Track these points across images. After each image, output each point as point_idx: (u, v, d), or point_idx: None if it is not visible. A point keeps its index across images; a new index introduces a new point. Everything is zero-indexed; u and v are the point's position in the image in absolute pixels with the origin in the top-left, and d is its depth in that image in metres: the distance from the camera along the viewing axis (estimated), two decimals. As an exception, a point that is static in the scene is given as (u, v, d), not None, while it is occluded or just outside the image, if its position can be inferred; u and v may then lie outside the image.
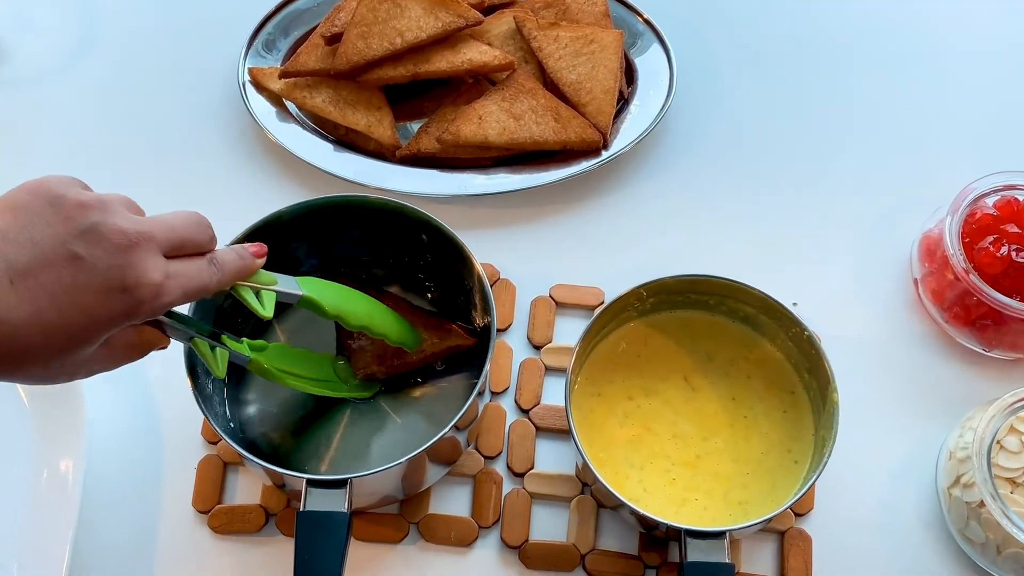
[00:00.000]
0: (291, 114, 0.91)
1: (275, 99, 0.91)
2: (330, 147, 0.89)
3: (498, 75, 0.90)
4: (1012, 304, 0.75)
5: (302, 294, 0.65)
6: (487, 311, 0.70)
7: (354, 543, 0.74)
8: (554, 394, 0.80)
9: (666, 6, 0.95)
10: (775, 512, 0.66)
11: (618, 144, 0.88)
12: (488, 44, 0.90)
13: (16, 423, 0.74)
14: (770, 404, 0.73)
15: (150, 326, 0.58)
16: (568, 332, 0.82)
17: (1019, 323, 0.77)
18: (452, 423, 0.66)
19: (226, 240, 0.70)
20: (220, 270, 0.57)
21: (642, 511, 0.66)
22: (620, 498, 0.65)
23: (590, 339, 0.73)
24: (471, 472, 0.76)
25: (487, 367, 0.67)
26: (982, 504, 0.70)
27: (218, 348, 0.64)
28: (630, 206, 0.88)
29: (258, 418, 0.75)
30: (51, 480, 0.72)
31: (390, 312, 0.72)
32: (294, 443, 0.74)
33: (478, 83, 0.90)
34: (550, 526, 0.75)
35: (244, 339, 0.67)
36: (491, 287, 0.71)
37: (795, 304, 0.78)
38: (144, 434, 0.78)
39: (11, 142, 0.90)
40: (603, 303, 0.82)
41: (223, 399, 0.74)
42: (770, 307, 0.73)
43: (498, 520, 0.75)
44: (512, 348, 0.81)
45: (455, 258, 0.73)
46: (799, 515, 0.75)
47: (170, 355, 0.67)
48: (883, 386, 0.80)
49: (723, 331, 0.76)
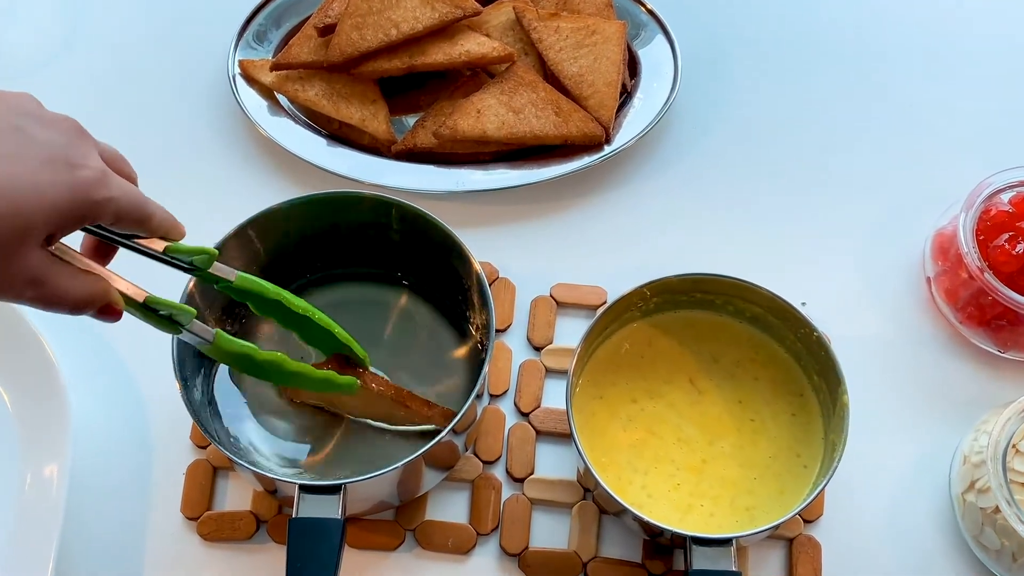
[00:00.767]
0: (283, 108, 0.91)
1: (266, 92, 0.91)
2: (323, 142, 0.89)
3: (497, 67, 0.90)
4: (1028, 304, 0.75)
5: (237, 274, 0.64)
6: (485, 311, 0.71)
7: (348, 551, 0.74)
8: (555, 397, 0.80)
9: (670, -4, 0.95)
10: (783, 518, 0.66)
11: (621, 139, 0.88)
12: (486, 35, 0.90)
13: (-1, 427, 0.74)
14: (778, 407, 0.74)
15: (99, 272, 0.56)
16: (569, 333, 0.82)
17: (1035, 323, 0.77)
18: (450, 427, 0.66)
19: (215, 238, 0.70)
20: (156, 204, 0.57)
21: (646, 517, 0.66)
22: (623, 504, 0.66)
23: (592, 340, 0.73)
24: (469, 477, 0.76)
25: (485, 369, 0.68)
26: (997, 510, 0.70)
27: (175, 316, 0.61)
28: (633, 203, 0.88)
29: (248, 421, 0.75)
30: (35, 486, 0.73)
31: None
32: (286, 447, 0.74)
33: (476, 76, 0.91)
34: (551, 533, 0.75)
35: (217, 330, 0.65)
36: (490, 286, 0.71)
37: (804, 304, 0.78)
38: (131, 438, 0.78)
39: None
40: (605, 303, 0.82)
41: (212, 402, 0.74)
42: (778, 307, 0.73)
43: (497, 527, 0.75)
44: (511, 349, 0.81)
45: (452, 256, 0.73)
46: (808, 521, 0.75)
47: (158, 357, 0.67)
48: (895, 388, 0.80)
49: (729, 332, 0.76)
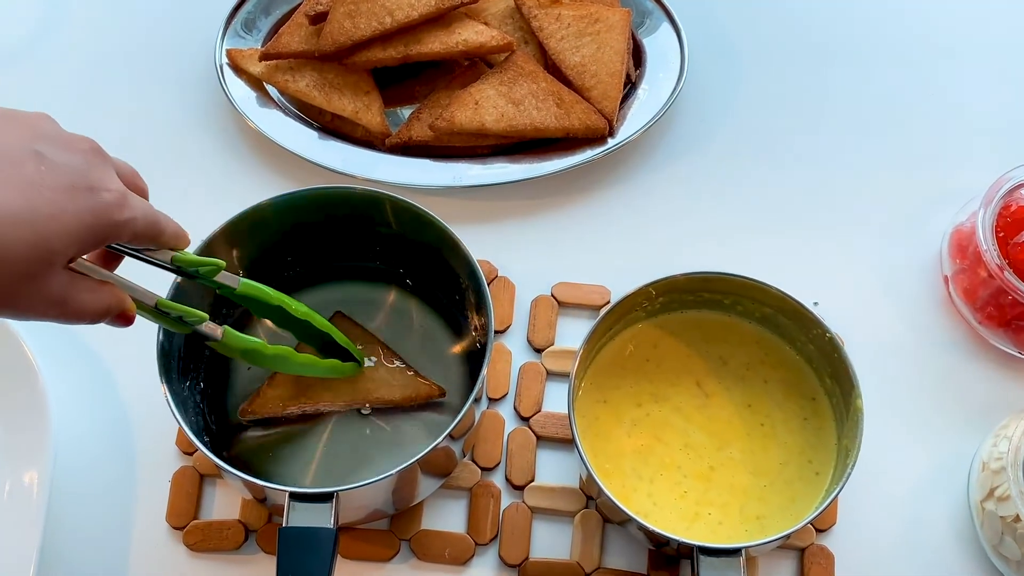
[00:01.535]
0: (272, 99, 0.91)
1: (255, 83, 0.91)
2: (314, 135, 0.89)
3: (496, 57, 0.90)
4: (1050, 303, 0.75)
5: (241, 281, 0.66)
6: (484, 312, 0.70)
7: (341, 561, 0.74)
8: (556, 401, 0.80)
9: (677, -18, 0.95)
10: (795, 528, 0.66)
11: (625, 131, 0.88)
12: (485, 24, 0.90)
13: (-24, 432, 0.74)
14: (789, 411, 0.74)
15: (113, 282, 0.59)
16: (571, 334, 0.82)
17: (1057, 324, 0.77)
18: (446, 432, 0.66)
19: (202, 235, 0.70)
20: (167, 218, 0.60)
21: (651, 526, 0.66)
22: (627, 512, 0.66)
23: (595, 341, 0.73)
24: (467, 485, 0.76)
25: (484, 372, 0.67)
26: (1018, 519, 0.70)
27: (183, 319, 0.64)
28: (638, 198, 0.88)
29: (237, 426, 0.75)
30: (14, 494, 0.72)
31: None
32: (276, 453, 0.74)
33: (474, 66, 0.90)
34: (552, 543, 0.75)
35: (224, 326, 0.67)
36: (488, 286, 0.71)
37: (816, 304, 0.78)
38: (115, 444, 0.78)
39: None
40: (609, 303, 0.82)
41: (199, 406, 0.74)
42: (789, 307, 0.73)
43: (496, 536, 0.75)
44: (511, 351, 0.81)
45: (449, 254, 0.73)
46: (820, 531, 0.75)
47: (142, 360, 0.67)
48: (911, 392, 0.80)
49: (738, 333, 0.76)
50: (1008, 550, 0.72)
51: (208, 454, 0.65)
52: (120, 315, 0.58)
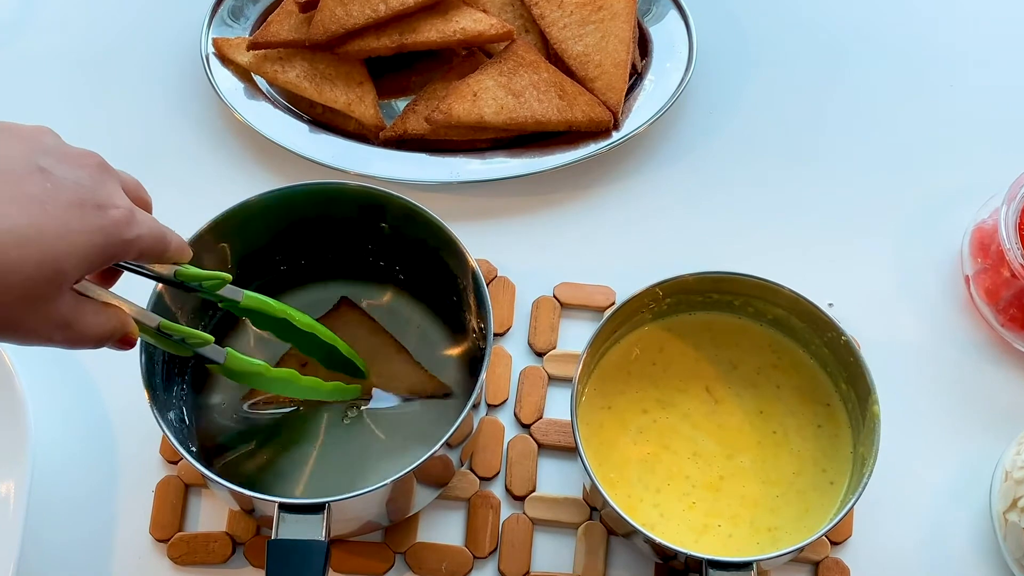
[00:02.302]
0: (261, 91, 0.91)
1: (243, 73, 0.91)
2: (305, 128, 0.89)
3: (495, 46, 0.90)
4: (1076, 305, 0.75)
5: (244, 294, 0.66)
6: (482, 313, 0.70)
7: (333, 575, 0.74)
8: (558, 407, 0.80)
9: (685, -32, 0.95)
10: (808, 540, 0.66)
11: (630, 124, 0.88)
12: (483, 11, 0.90)
13: (-50, 440, 0.74)
14: (803, 418, 0.73)
15: (116, 303, 0.59)
16: (574, 337, 0.82)
17: (1084, 326, 0.77)
18: (443, 440, 0.65)
19: (187, 233, 0.70)
20: (172, 232, 0.60)
21: (658, 539, 0.65)
22: (633, 524, 0.65)
23: (599, 345, 0.73)
24: (465, 495, 0.76)
25: (482, 376, 0.67)
26: (1042, 531, 0.70)
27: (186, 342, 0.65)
28: (644, 194, 0.88)
29: (224, 434, 0.75)
30: (-10, 505, 0.72)
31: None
32: (265, 462, 0.74)
33: (472, 55, 0.90)
34: (554, 556, 0.75)
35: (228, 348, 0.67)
36: (487, 286, 0.71)
37: (831, 305, 0.78)
38: (96, 452, 0.78)
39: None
40: (614, 304, 0.82)
41: (184, 413, 0.74)
42: (803, 309, 0.72)
43: (495, 549, 0.75)
44: (511, 355, 0.81)
45: (446, 253, 0.73)
46: (835, 543, 0.75)
47: (125, 365, 0.67)
48: (930, 397, 0.80)
49: (749, 336, 0.76)
50: (1032, 563, 0.72)
51: (194, 463, 0.65)
52: (123, 338, 0.59)
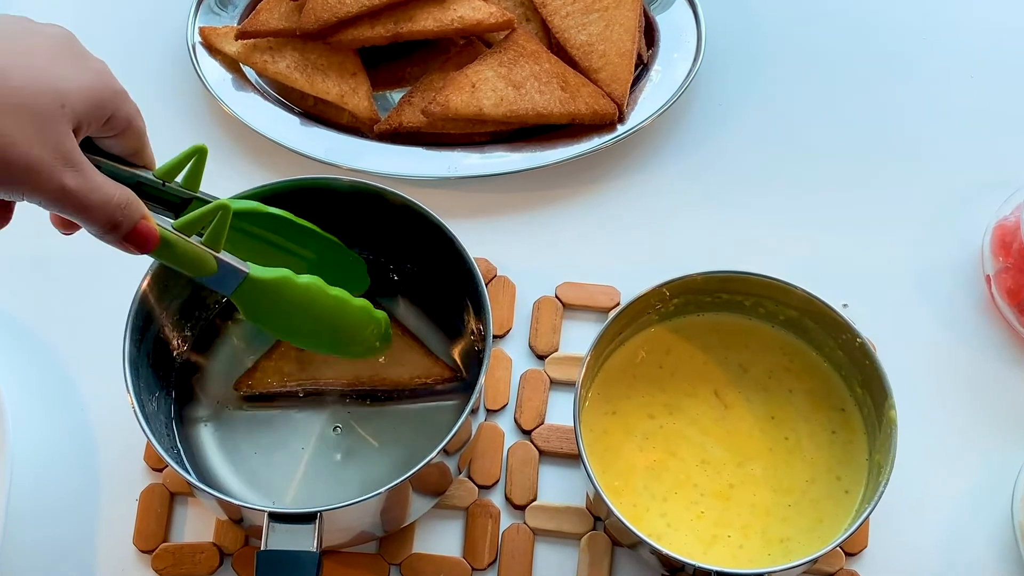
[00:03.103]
0: (250, 82, 0.91)
1: (231, 64, 0.91)
2: (296, 121, 0.89)
3: (495, 35, 0.90)
4: (1101, 305, 0.75)
5: (248, 272, 0.64)
6: (481, 315, 0.70)
7: (325, 588, 0.74)
8: (561, 412, 0.80)
9: (693, -46, 0.95)
10: (822, 551, 0.66)
11: (636, 117, 0.88)
12: (483, -1, 0.90)
13: (-75, 447, 0.74)
14: (816, 424, 0.73)
15: None
16: (577, 339, 0.82)
17: (1110, 328, 0.77)
18: (440, 446, 0.66)
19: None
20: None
21: (665, 550, 0.66)
22: (639, 535, 0.65)
23: (603, 347, 0.73)
24: (463, 504, 0.76)
25: (481, 380, 0.67)
26: (1066, 541, 0.70)
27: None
28: (650, 190, 0.88)
29: (211, 439, 0.75)
30: (-34, 514, 0.72)
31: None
32: (254, 469, 0.74)
33: (471, 45, 0.90)
34: (556, 568, 0.75)
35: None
36: (486, 286, 0.71)
37: (845, 306, 0.77)
38: (77, 459, 0.78)
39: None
40: (619, 305, 0.82)
41: (169, 417, 0.74)
42: (816, 309, 0.73)
43: (495, 561, 0.75)
44: (511, 358, 0.81)
45: (444, 252, 0.73)
46: (850, 554, 0.75)
47: (108, 366, 0.67)
48: (949, 402, 0.80)
49: (760, 338, 0.76)
50: (1056, 576, 0.72)
51: (179, 470, 0.65)
52: (139, 229, 0.57)
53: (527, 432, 0.79)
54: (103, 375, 0.69)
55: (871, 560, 0.75)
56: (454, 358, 0.77)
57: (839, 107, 0.92)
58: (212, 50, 0.91)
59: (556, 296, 0.83)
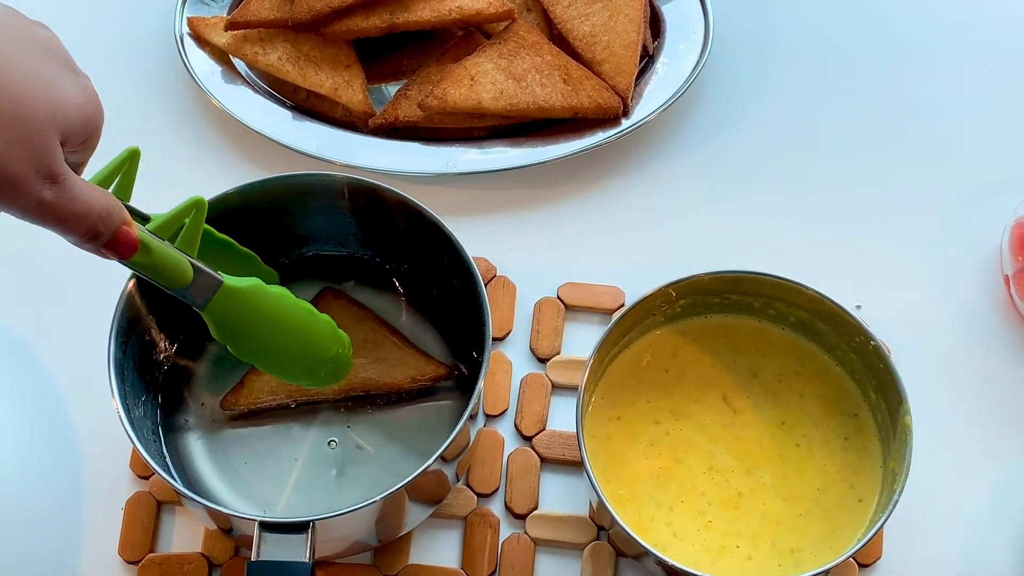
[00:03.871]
0: (240, 74, 0.91)
1: (220, 56, 0.91)
2: (288, 115, 0.89)
3: (494, 26, 0.90)
4: (1125, 307, 0.75)
5: (223, 280, 0.63)
6: (480, 316, 0.71)
7: (317, 601, 0.74)
8: (563, 418, 0.80)
9: (700, -59, 0.95)
10: (834, 562, 0.66)
11: (641, 111, 0.88)
12: (482, -12, 0.90)
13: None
14: (828, 430, 0.74)
15: None
16: (580, 342, 0.82)
17: None
18: (437, 453, 0.66)
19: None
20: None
21: (671, 561, 0.66)
22: (644, 545, 0.66)
23: (607, 351, 0.73)
24: (461, 513, 0.76)
25: (480, 384, 0.68)
26: (1088, 552, 0.70)
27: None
28: (656, 187, 0.89)
29: (199, 446, 0.75)
30: (-55, 523, 0.73)
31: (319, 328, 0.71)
32: (244, 477, 0.74)
33: (469, 36, 0.91)
34: (558, 580, 0.75)
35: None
36: (485, 287, 0.71)
37: (859, 307, 0.78)
38: (60, 466, 0.78)
39: None
40: (623, 306, 0.82)
41: (156, 423, 0.74)
42: (828, 311, 0.73)
43: (494, 572, 0.75)
44: (511, 361, 0.81)
45: (441, 251, 0.73)
46: (864, 566, 0.75)
47: (92, 370, 0.67)
48: (967, 407, 0.80)
49: (770, 340, 0.76)
50: (1077, 588, 0.72)
51: (166, 478, 0.65)
52: (122, 234, 0.57)
53: (528, 438, 0.79)
54: (87, 378, 0.69)
55: (885, 571, 0.75)
56: (453, 361, 0.77)
57: (852, 101, 0.92)
58: (200, 41, 0.91)
59: (558, 297, 0.84)
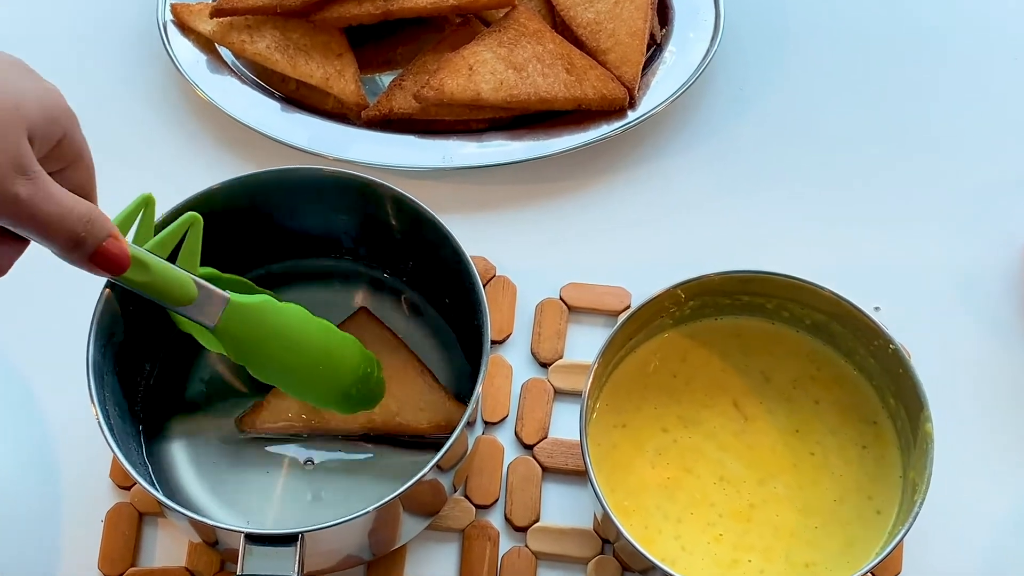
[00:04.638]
0: (226, 63, 0.91)
1: (205, 44, 0.91)
2: (276, 106, 0.89)
3: (493, 13, 0.90)
4: None
5: (228, 297, 0.64)
6: (478, 317, 0.70)
7: (307, 617, 0.74)
8: (566, 425, 0.80)
9: (710, -76, 0.95)
10: (851, 577, 0.66)
11: (648, 103, 0.88)
12: (480, -27, 0.90)
13: None
14: (845, 438, 0.73)
15: None
16: (584, 345, 0.82)
17: None
18: (433, 462, 0.65)
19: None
20: None
21: (679, 576, 0.66)
22: (651, 559, 0.65)
23: (612, 354, 0.73)
24: (458, 525, 0.76)
25: (478, 389, 0.67)
26: (1119, 567, 0.70)
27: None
28: (664, 183, 0.88)
29: (183, 455, 0.75)
30: (-85, 536, 0.72)
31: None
32: (230, 488, 0.74)
33: (467, 24, 0.91)
34: (560, 595, 0.75)
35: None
36: (484, 287, 0.71)
37: (877, 309, 0.78)
38: (37, 475, 0.78)
39: None
40: (629, 308, 0.82)
41: (138, 431, 0.74)
42: (845, 313, 0.73)
43: (493, 587, 0.75)
44: (512, 366, 0.81)
45: (438, 250, 0.73)
46: (882, 581, 0.75)
47: (70, 374, 0.67)
48: (991, 414, 0.80)
49: (784, 344, 0.76)
50: (1107, 604, 0.72)
51: (148, 488, 0.65)
52: (110, 247, 0.56)
53: (529, 447, 0.79)
54: (66, 384, 0.69)
55: (905, 587, 0.75)
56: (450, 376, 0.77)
57: (869, 91, 0.92)
58: (185, 29, 0.91)
59: (560, 298, 0.83)
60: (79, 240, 0.55)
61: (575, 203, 0.88)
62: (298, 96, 0.90)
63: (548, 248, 0.86)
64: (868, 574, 0.72)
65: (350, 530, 0.66)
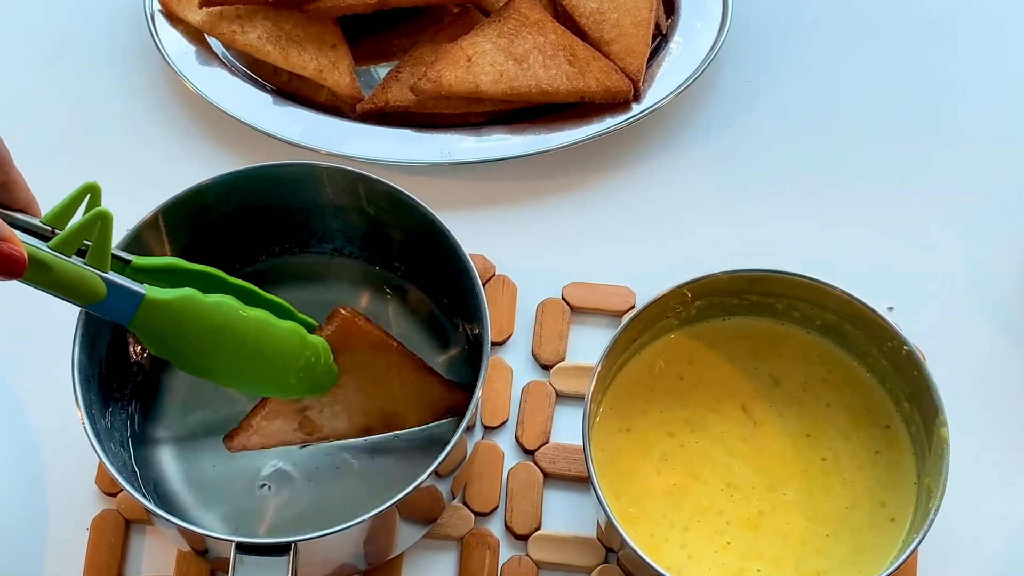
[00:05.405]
0: (216, 55, 0.91)
1: (194, 34, 0.91)
2: (268, 99, 0.89)
3: (493, 2, 0.90)
4: None
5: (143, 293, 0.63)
6: (478, 319, 0.71)
7: (300, 629, 0.74)
8: (568, 429, 0.80)
9: (718, -89, 0.95)
10: (864, 587, 0.67)
11: (653, 96, 0.88)
12: (479, -39, 0.90)
13: None
14: (857, 442, 0.74)
15: None
16: (586, 347, 0.82)
17: None
18: (431, 468, 0.66)
19: (127, 225, 0.70)
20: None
21: (686, 586, 0.66)
22: (657, 568, 0.66)
23: (616, 356, 0.73)
24: (457, 534, 0.76)
25: (478, 393, 0.68)
26: None
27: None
28: (669, 178, 0.89)
29: (172, 461, 0.75)
30: None
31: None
32: (220, 495, 0.74)
33: (466, 13, 0.91)
34: (563, 606, 0.75)
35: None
36: (483, 287, 0.71)
37: (891, 309, 0.78)
38: (21, 482, 0.78)
39: None
40: (634, 308, 0.82)
41: (125, 435, 0.74)
42: (857, 313, 0.73)
43: (493, 598, 0.75)
44: (512, 368, 0.81)
45: (435, 248, 0.73)
46: (896, 591, 0.75)
47: (55, 377, 0.67)
48: (1008, 418, 0.80)
49: (794, 345, 0.76)
50: None
51: (136, 495, 0.65)
52: (3, 251, 0.55)
53: (530, 452, 0.79)
54: (51, 387, 0.69)
55: (919, 597, 0.76)
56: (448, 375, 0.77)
57: (882, 85, 0.92)
58: (173, 19, 0.91)
59: (563, 298, 0.84)
60: None
61: (577, 200, 0.88)
62: (291, 88, 0.90)
63: (549, 246, 0.86)
64: (881, 584, 0.72)
65: (345, 539, 0.66)
